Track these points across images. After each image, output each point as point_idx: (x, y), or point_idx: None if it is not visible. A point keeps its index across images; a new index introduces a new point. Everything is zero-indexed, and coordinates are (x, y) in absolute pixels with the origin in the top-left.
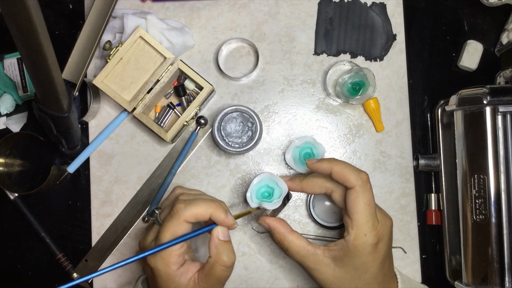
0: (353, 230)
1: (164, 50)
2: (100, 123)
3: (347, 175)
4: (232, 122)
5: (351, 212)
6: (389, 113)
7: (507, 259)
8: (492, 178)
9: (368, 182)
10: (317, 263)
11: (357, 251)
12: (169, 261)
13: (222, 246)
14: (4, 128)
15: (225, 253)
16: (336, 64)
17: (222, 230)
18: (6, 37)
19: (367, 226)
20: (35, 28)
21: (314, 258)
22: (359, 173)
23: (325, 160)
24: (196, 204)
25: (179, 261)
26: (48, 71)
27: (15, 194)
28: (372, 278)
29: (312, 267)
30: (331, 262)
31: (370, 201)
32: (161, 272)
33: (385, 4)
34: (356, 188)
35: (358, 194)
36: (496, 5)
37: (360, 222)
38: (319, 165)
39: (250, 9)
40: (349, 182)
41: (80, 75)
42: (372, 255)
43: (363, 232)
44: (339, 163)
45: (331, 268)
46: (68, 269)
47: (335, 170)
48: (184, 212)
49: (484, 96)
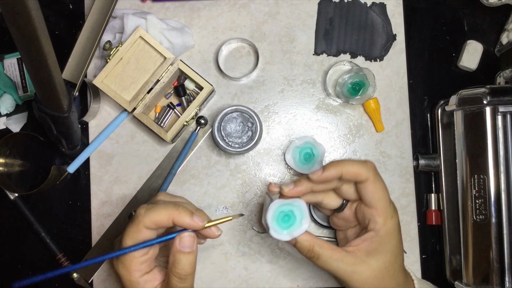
0: (380, 217)
1: (164, 50)
2: (100, 123)
3: (358, 171)
4: (232, 122)
5: (373, 202)
6: (389, 113)
7: (507, 259)
8: (492, 178)
9: (376, 168)
10: (354, 264)
11: (390, 234)
12: (130, 267)
13: (180, 255)
14: (4, 128)
15: (181, 263)
16: (336, 64)
17: (183, 240)
18: (6, 37)
19: (390, 208)
20: (35, 28)
21: (349, 259)
22: (367, 165)
23: (330, 166)
24: (155, 210)
25: (142, 269)
26: (48, 71)
27: (15, 194)
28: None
29: (349, 269)
30: (366, 258)
31: (385, 186)
32: (123, 278)
33: (385, 4)
34: (370, 178)
35: (375, 184)
36: (496, 5)
37: (385, 208)
38: (327, 174)
39: (250, 9)
40: (362, 176)
41: (80, 75)
42: (400, 234)
43: (390, 215)
44: (345, 163)
45: (368, 263)
46: None
47: (345, 172)
48: (144, 218)
49: (484, 96)
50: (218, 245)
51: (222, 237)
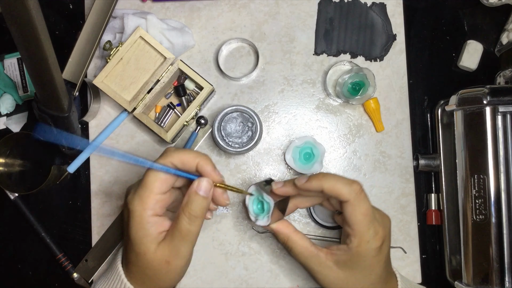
0: (355, 238)
1: (164, 50)
2: (100, 123)
3: (339, 191)
4: (232, 122)
5: (350, 223)
6: (389, 113)
7: (507, 259)
8: (492, 178)
9: (361, 192)
10: (320, 265)
11: (362, 256)
12: (146, 203)
13: (195, 196)
14: (4, 128)
15: (194, 204)
16: (336, 64)
17: (202, 184)
18: (6, 37)
19: (368, 234)
20: (35, 28)
21: (317, 260)
22: (351, 186)
23: (314, 178)
24: (184, 150)
25: (155, 208)
26: (48, 71)
27: (15, 194)
28: (378, 278)
29: (315, 269)
30: (333, 265)
31: (367, 210)
32: (135, 213)
33: (385, 4)
34: (350, 201)
35: (354, 207)
36: (496, 5)
37: (361, 232)
38: (308, 185)
39: (250, 9)
40: (343, 197)
41: (80, 75)
42: (377, 257)
43: (366, 240)
44: (329, 179)
45: (334, 271)
46: (68, 269)
47: (326, 187)
48: (172, 154)
49: (484, 96)
50: (218, 245)
51: (222, 237)
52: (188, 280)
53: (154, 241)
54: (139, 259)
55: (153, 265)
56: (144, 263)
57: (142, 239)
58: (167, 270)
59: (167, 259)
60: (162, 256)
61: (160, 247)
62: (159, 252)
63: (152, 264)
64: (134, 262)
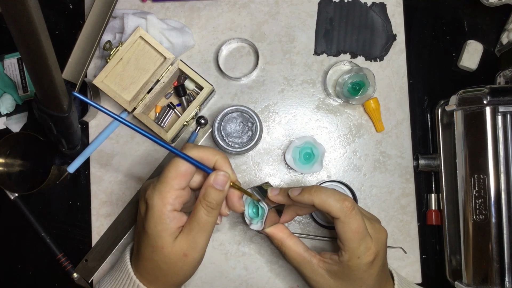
0: (346, 253)
1: (164, 50)
2: (100, 123)
3: (329, 208)
4: (232, 122)
5: (341, 239)
6: (389, 113)
7: (507, 259)
8: (492, 178)
9: (353, 209)
10: (312, 272)
11: (352, 270)
12: (166, 198)
13: (211, 189)
14: (4, 128)
15: (212, 196)
16: (336, 64)
17: (218, 176)
18: (6, 37)
19: (359, 250)
20: (35, 28)
21: (309, 267)
22: (342, 203)
23: (306, 192)
24: (204, 147)
25: (174, 204)
26: (48, 71)
27: (15, 194)
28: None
29: (307, 275)
30: (325, 274)
31: (358, 228)
32: (154, 209)
33: (385, 4)
34: (341, 219)
35: (344, 225)
36: (496, 5)
37: (352, 248)
38: (301, 198)
39: (250, 9)
40: (333, 214)
41: (80, 75)
42: (368, 271)
43: (356, 256)
44: (320, 194)
45: (326, 279)
46: (68, 269)
47: (317, 203)
48: (192, 150)
49: (484, 96)
50: (218, 245)
51: (222, 237)
52: (188, 280)
53: (172, 235)
54: (156, 254)
55: (170, 259)
56: (161, 257)
57: (161, 233)
58: (184, 263)
59: (185, 252)
60: (180, 249)
61: (177, 240)
62: (177, 246)
63: (169, 258)
64: (148, 257)
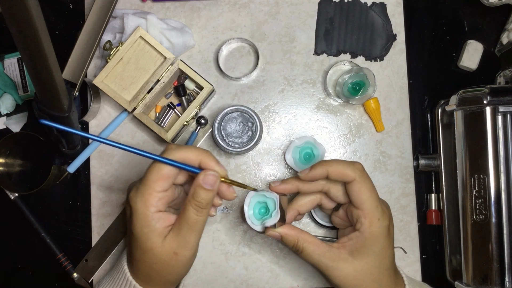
0: (366, 219)
1: (164, 50)
2: (100, 123)
3: (344, 171)
4: (232, 122)
5: (359, 203)
6: (389, 113)
7: (507, 259)
8: (492, 178)
9: (364, 170)
10: (335, 260)
11: (375, 237)
12: (148, 201)
13: (200, 189)
14: (4, 128)
15: (201, 196)
16: (336, 64)
17: (207, 176)
18: (6, 37)
19: (377, 211)
20: (35, 28)
21: (331, 255)
22: (354, 165)
23: (317, 166)
24: (185, 148)
25: (157, 205)
26: (48, 71)
27: (15, 194)
28: (390, 262)
29: (330, 264)
30: (348, 257)
31: (373, 187)
32: (138, 211)
33: (385, 4)
34: (356, 179)
35: (361, 184)
36: (496, 5)
37: (371, 209)
38: (314, 173)
39: (250, 9)
40: (348, 176)
41: (80, 75)
42: (388, 238)
43: (376, 217)
44: (332, 163)
45: (350, 262)
46: (68, 269)
47: (331, 171)
48: (174, 151)
49: (484, 96)
50: (218, 245)
51: (222, 237)
52: (188, 280)
53: (160, 235)
54: (145, 255)
55: (160, 259)
56: (151, 257)
57: (148, 235)
58: (175, 262)
59: (175, 251)
60: (170, 248)
61: (167, 240)
62: (167, 245)
63: (159, 258)
64: (139, 259)
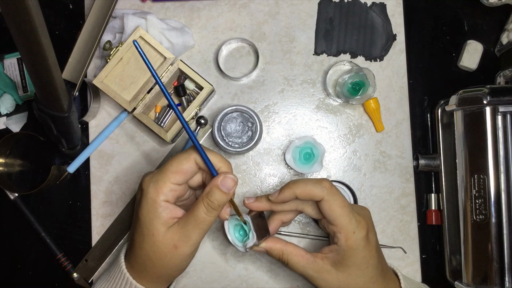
0: (341, 234)
1: (164, 50)
2: (100, 123)
3: (311, 191)
4: (232, 122)
5: (331, 219)
6: (389, 113)
7: (507, 259)
8: (492, 178)
9: (332, 187)
10: (319, 271)
11: (353, 250)
12: (161, 188)
13: (216, 190)
14: (4, 128)
15: (216, 196)
16: (336, 64)
17: (226, 178)
18: (6, 37)
19: (351, 224)
20: (35, 28)
21: (315, 266)
22: (321, 184)
23: (285, 188)
24: (210, 152)
25: (168, 195)
26: (48, 71)
27: (15, 194)
28: (374, 270)
29: (314, 275)
30: (331, 268)
31: (342, 202)
32: (148, 196)
33: (385, 4)
34: (325, 198)
35: (330, 202)
36: (496, 5)
37: (345, 224)
38: (282, 196)
39: (250, 9)
40: (316, 196)
41: (80, 75)
42: (367, 247)
43: (351, 231)
44: (299, 184)
45: (333, 273)
46: (68, 269)
47: (298, 192)
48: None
49: (484, 96)
50: (218, 245)
51: (222, 237)
52: (188, 280)
53: (164, 224)
54: (146, 242)
55: (159, 248)
56: (151, 245)
57: (152, 220)
58: (172, 255)
59: (176, 244)
60: (171, 239)
61: (170, 230)
62: (169, 235)
63: (158, 247)
64: (139, 245)
